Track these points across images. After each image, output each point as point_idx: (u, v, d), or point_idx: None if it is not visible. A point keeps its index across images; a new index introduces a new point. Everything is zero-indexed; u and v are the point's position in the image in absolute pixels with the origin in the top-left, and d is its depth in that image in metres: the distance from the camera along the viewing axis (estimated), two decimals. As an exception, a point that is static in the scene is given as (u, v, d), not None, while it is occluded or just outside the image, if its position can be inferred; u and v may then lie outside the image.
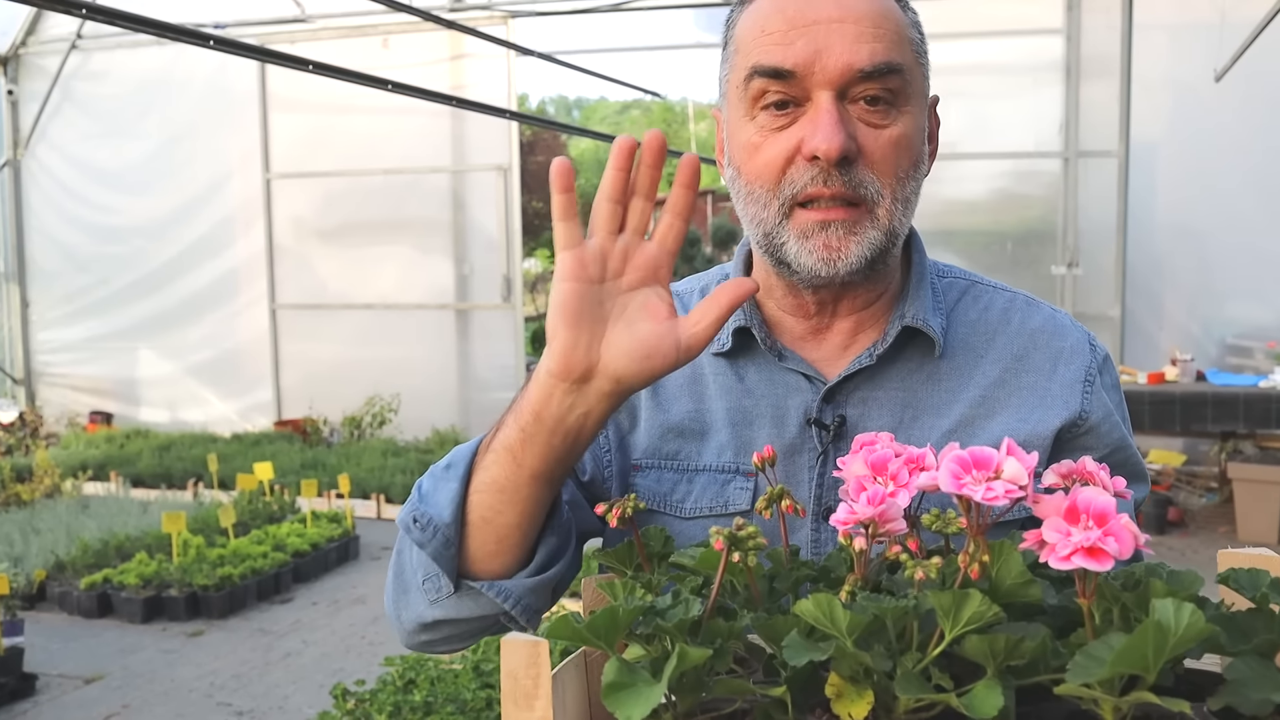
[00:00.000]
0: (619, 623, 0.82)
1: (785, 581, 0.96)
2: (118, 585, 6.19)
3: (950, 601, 0.75)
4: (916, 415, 1.26)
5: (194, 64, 10.58)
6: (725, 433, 1.30)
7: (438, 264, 10.66)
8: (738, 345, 1.31)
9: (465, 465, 1.14)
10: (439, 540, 1.13)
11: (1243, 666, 0.74)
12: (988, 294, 1.35)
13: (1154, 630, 0.68)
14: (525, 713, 0.82)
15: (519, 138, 10.52)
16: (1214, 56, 7.87)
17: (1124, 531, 0.72)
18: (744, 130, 1.21)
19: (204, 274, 11.12)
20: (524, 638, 0.83)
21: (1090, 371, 1.29)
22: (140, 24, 4.39)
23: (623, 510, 1.02)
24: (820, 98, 1.15)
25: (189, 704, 4.98)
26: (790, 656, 0.77)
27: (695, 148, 41.22)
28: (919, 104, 1.21)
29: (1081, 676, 0.70)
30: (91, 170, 11.33)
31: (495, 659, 4.39)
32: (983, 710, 0.72)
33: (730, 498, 1.28)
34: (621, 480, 1.34)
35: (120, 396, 11.56)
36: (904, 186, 1.19)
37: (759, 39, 1.18)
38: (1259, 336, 8.34)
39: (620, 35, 25.83)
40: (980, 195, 9.20)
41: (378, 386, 10.52)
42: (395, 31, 10.21)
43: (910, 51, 1.19)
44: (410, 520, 1.15)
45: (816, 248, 1.18)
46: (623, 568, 1.05)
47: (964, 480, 0.79)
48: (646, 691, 0.78)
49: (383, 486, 8.56)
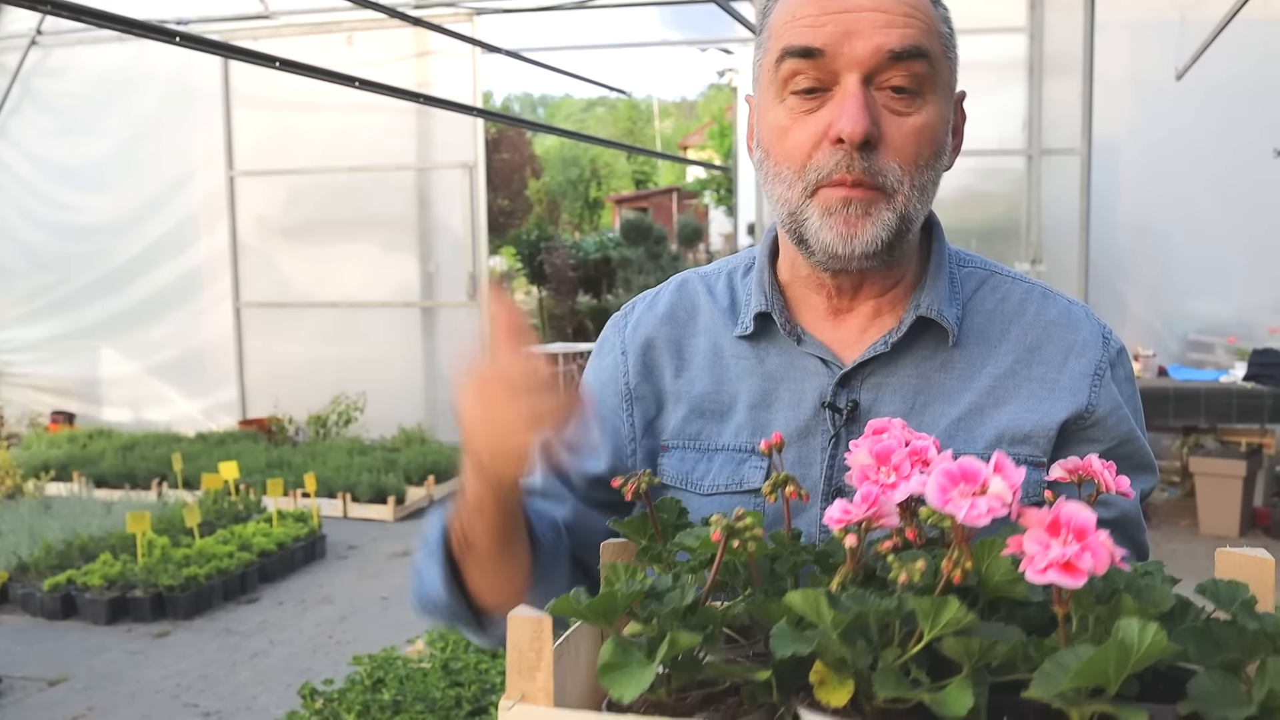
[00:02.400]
0: (617, 605, 0.88)
1: (785, 565, 1.00)
2: (82, 586, 6.13)
3: (930, 606, 0.78)
4: (928, 402, 1.29)
5: (156, 61, 10.49)
6: (744, 414, 1.34)
7: (403, 262, 10.63)
8: (759, 329, 1.35)
9: (440, 543, 1.26)
10: (448, 613, 1.28)
11: (1208, 681, 0.77)
12: (1006, 284, 1.38)
13: (1117, 649, 0.71)
14: (528, 682, 0.87)
15: (484, 135, 10.50)
16: (1175, 55, 7.96)
17: (1101, 549, 0.74)
18: (774, 112, 1.25)
19: (167, 272, 11.03)
20: (529, 612, 0.88)
21: (1100, 365, 1.31)
22: (106, 20, 4.35)
23: (638, 485, 1.06)
24: (848, 81, 1.18)
25: (155, 705, 4.95)
26: (777, 647, 0.81)
27: (660, 145, 41.36)
28: (945, 95, 1.24)
29: (1046, 686, 0.73)
30: (52, 168, 11.21)
31: (464, 658, 4.39)
32: (952, 709, 0.76)
33: (745, 476, 1.32)
34: (649, 464, 1.38)
35: (82, 396, 11.46)
36: (923, 175, 1.23)
37: (790, 24, 1.21)
38: (1220, 332, 8.44)
39: (585, 33, 25.80)
40: (945, 192, 8.89)
41: (343, 385, 10.47)
42: (359, 28, 10.17)
43: (939, 43, 1.22)
44: (419, 606, 1.30)
45: (836, 224, 1.21)
46: (637, 537, 1.10)
47: (949, 495, 0.82)
48: (640, 672, 0.83)
49: (349, 485, 8.52)
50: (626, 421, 1.39)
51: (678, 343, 1.40)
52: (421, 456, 9.23)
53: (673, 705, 0.89)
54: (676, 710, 0.88)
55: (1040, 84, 9.03)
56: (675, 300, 1.44)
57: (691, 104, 50.64)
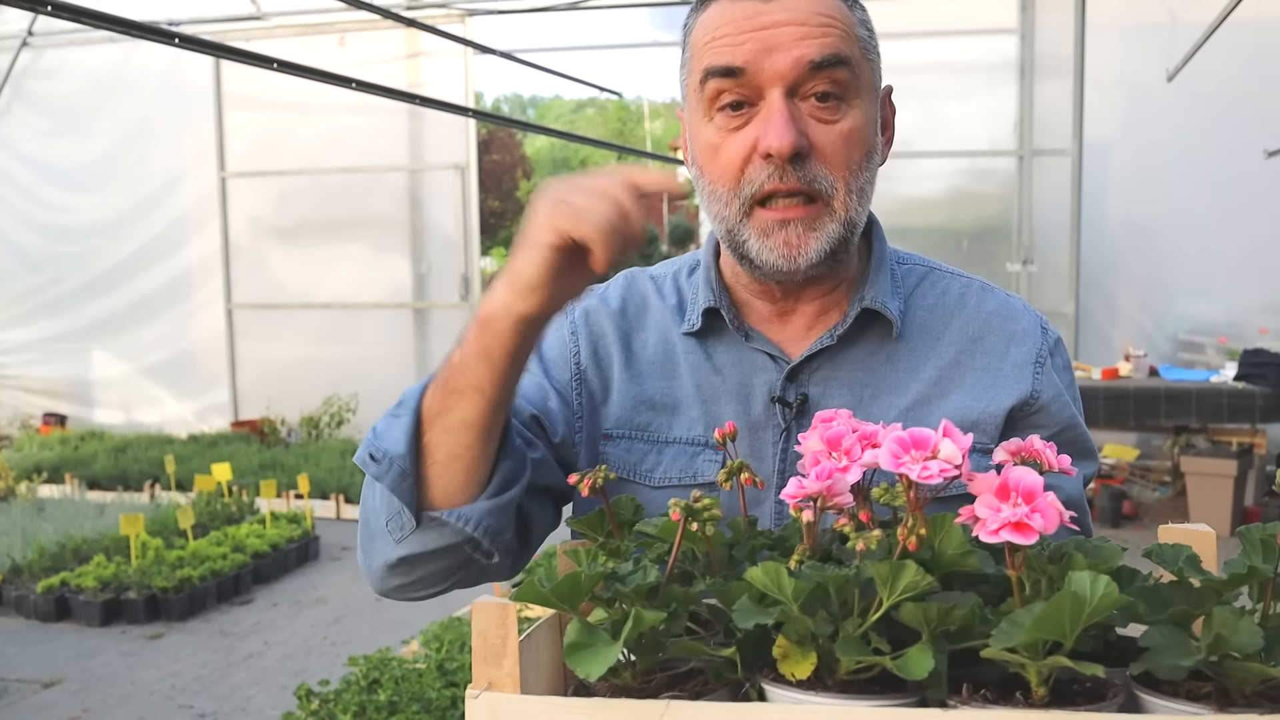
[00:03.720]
0: (581, 588, 0.88)
1: (743, 550, 1.02)
2: (75, 588, 6.13)
3: (888, 571, 0.81)
4: (876, 394, 1.32)
5: (147, 61, 10.50)
6: (695, 408, 1.35)
7: (395, 263, 10.63)
8: (707, 325, 1.36)
9: (415, 402, 1.17)
10: (395, 472, 1.16)
11: (1157, 634, 0.80)
12: (945, 279, 1.40)
13: (1070, 600, 0.74)
14: (494, 669, 0.88)
15: (476, 137, 10.51)
16: (1165, 57, 7.99)
17: (1049, 509, 0.78)
18: (704, 131, 1.26)
19: (159, 274, 11.03)
20: (494, 601, 0.88)
21: (1041, 353, 1.34)
22: (105, 21, 4.34)
23: (594, 480, 1.08)
24: (772, 95, 1.20)
25: (150, 706, 4.95)
26: (740, 620, 0.84)
27: (650, 145, 41.32)
28: (869, 97, 1.26)
29: (1004, 641, 0.76)
30: (44, 169, 11.20)
31: (460, 658, 4.40)
32: (915, 672, 0.79)
33: (699, 469, 1.33)
34: (591, 447, 1.38)
35: (74, 398, 11.44)
36: (857, 178, 1.24)
37: (710, 44, 1.23)
38: (1210, 332, 8.48)
39: (576, 34, 25.84)
40: (937, 193, 9.28)
41: (336, 386, 10.47)
42: (352, 30, 10.17)
43: (858, 47, 1.24)
44: (367, 456, 1.18)
45: (777, 245, 1.23)
46: (594, 534, 1.11)
47: (903, 460, 0.85)
48: (604, 651, 0.85)
49: (342, 487, 8.52)
50: (575, 399, 1.39)
51: (627, 335, 1.41)
52: (414, 457, 9.19)
53: (638, 688, 0.90)
54: (642, 693, 0.89)
55: (1031, 85, 9.05)
56: (625, 295, 1.45)
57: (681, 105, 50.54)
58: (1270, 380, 7.29)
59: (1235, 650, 0.76)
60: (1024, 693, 0.80)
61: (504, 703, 0.88)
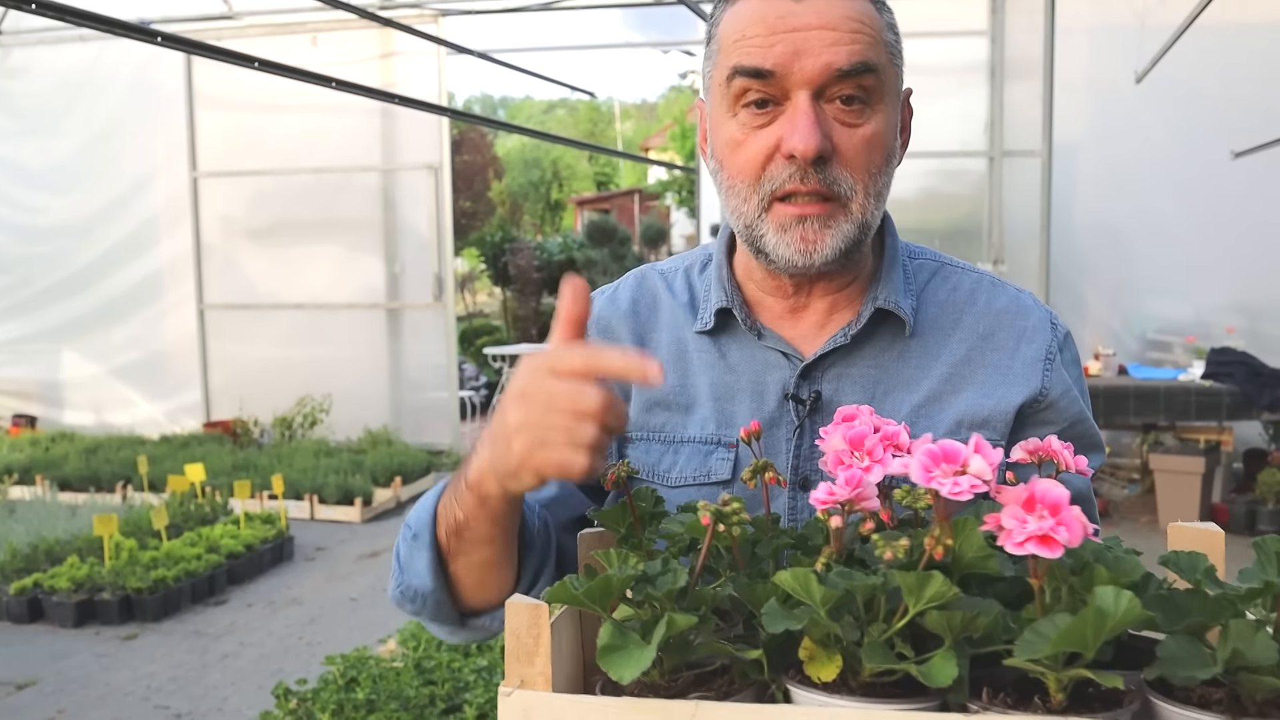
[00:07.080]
0: (613, 589, 0.91)
1: (766, 548, 1.03)
2: (48, 590, 6.09)
3: (915, 581, 0.83)
4: (888, 391, 1.33)
5: (118, 61, 10.45)
6: (708, 406, 1.36)
7: (368, 263, 10.61)
8: (720, 324, 1.38)
9: (430, 535, 1.21)
10: (431, 605, 1.24)
11: (1174, 645, 0.82)
12: (956, 275, 1.42)
13: (1094, 615, 0.76)
14: (527, 667, 0.90)
15: (449, 137, 10.50)
16: (1134, 59, 8.07)
17: (1074, 522, 0.79)
18: (726, 126, 1.27)
19: (129, 274, 10.96)
20: (527, 601, 0.91)
21: (1051, 349, 1.36)
22: (87, 19, 4.32)
23: (617, 474, 1.11)
24: (798, 97, 1.21)
25: (125, 707, 4.93)
26: (770, 624, 0.85)
27: (622, 145, 41.27)
28: (892, 102, 1.28)
29: (1028, 653, 0.78)
30: (12, 169, 11.11)
31: (437, 656, 4.41)
32: (939, 679, 0.80)
33: (713, 468, 1.35)
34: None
35: (44, 399, 11.35)
36: (876, 181, 1.27)
37: (740, 42, 1.23)
38: (1178, 331, 8.56)
39: (549, 35, 25.88)
40: (908, 194, 9.31)
41: (309, 387, 10.44)
42: (324, 29, 10.15)
43: (885, 52, 1.26)
44: (400, 597, 1.26)
45: (794, 240, 1.25)
46: (616, 527, 1.12)
47: (933, 474, 0.86)
48: (638, 654, 0.86)
49: (316, 487, 8.50)
50: None
51: (640, 336, 1.43)
52: (388, 458, 9.21)
53: (665, 686, 0.92)
54: (670, 692, 0.91)
55: (1001, 87, 9.13)
56: (636, 295, 1.46)
57: (652, 106, 50.66)
58: (1237, 378, 7.38)
59: (1251, 664, 0.78)
60: (1041, 696, 0.82)
61: (537, 701, 0.89)
